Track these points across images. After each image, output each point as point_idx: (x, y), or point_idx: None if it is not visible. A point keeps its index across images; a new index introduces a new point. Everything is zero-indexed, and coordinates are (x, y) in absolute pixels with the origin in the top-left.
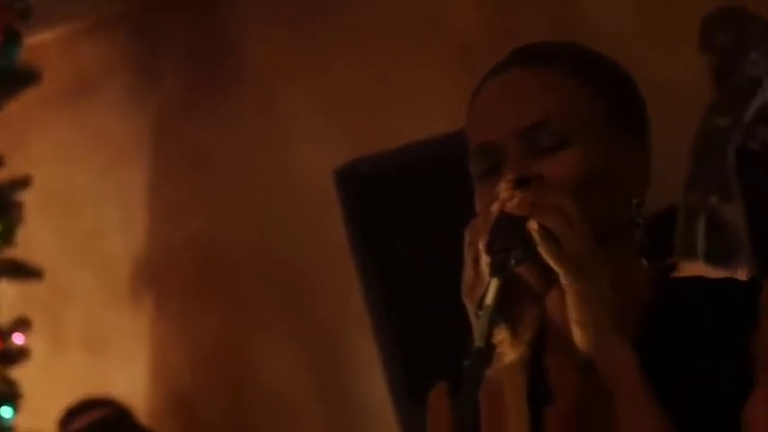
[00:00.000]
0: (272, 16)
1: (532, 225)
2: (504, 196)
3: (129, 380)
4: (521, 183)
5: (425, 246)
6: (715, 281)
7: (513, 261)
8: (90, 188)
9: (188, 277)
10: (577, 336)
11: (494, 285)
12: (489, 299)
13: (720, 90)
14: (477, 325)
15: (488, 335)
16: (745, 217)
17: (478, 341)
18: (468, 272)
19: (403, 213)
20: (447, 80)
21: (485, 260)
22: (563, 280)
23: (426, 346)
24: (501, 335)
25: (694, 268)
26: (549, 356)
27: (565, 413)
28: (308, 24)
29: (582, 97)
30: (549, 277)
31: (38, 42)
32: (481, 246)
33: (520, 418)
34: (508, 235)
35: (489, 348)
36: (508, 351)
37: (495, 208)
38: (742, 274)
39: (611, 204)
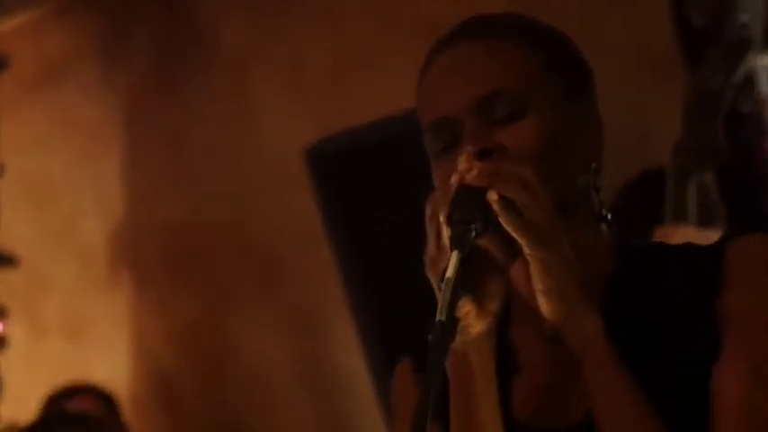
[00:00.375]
0: (237, 3)
1: (492, 196)
2: (462, 168)
3: (109, 365)
4: (483, 154)
5: (398, 220)
6: (677, 246)
7: (473, 233)
8: (64, 174)
9: (165, 260)
10: (543, 305)
11: (454, 258)
12: (450, 271)
13: (710, 52)
14: (440, 298)
15: (452, 308)
16: (736, 180)
17: (440, 314)
18: (430, 246)
19: (373, 190)
20: (414, 58)
21: (446, 233)
22: (526, 250)
23: (405, 321)
24: (466, 307)
25: (685, 233)
26: (515, 327)
27: (532, 383)
28: (275, 4)
29: (533, 66)
30: (513, 248)
31: (5, 29)
32: (441, 218)
33: (488, 389)
34: (468, 207)
35: (453, 321)
36: (474, 323)
37: (454, 180)
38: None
39: (570, 171)
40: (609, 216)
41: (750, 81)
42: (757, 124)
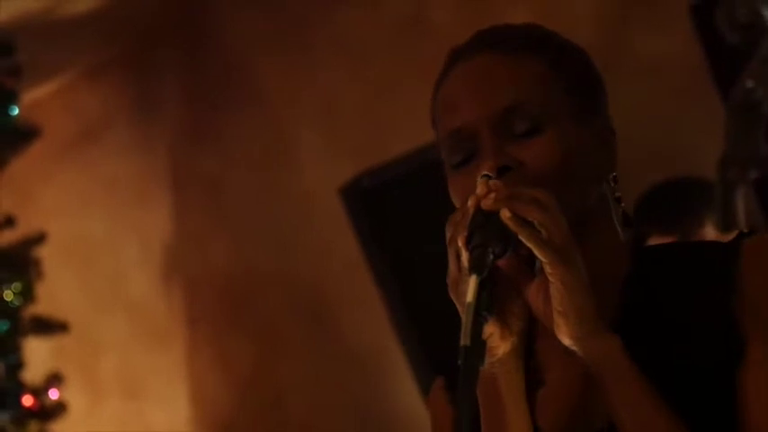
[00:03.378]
0: (264, 41)
1: (505, 213)
2: (480, 192)
3: (169, 418)
4: (502, 171)
5: (437, 249)
6: (693, 243)
7: (491, 256)
8: (107, 233)
9: (216, 309)
10: (561, 326)
11: (473, 282)
12: (469, 296)
13: (749, 65)
14: (462, 323)
15: (477, 332)
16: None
17: (464, 339)
18: (451, 267)
19: (411, 220)
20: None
21: (465, 256)
22: (548, 269)
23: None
24: (490, 329)
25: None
26: (539, 340)
27: (556, 395)
28: (304, 47)
29: (551, 81)
30: (530, 268)
31: (38, 96)
32: (460, 242)
33: (518, 411)
34: (485, 230)
35: (480, 345)
36: (499, 344)
37: (471, 203)
38: None
39: (589, 183)
40: (631, 222)
41: None
42: None
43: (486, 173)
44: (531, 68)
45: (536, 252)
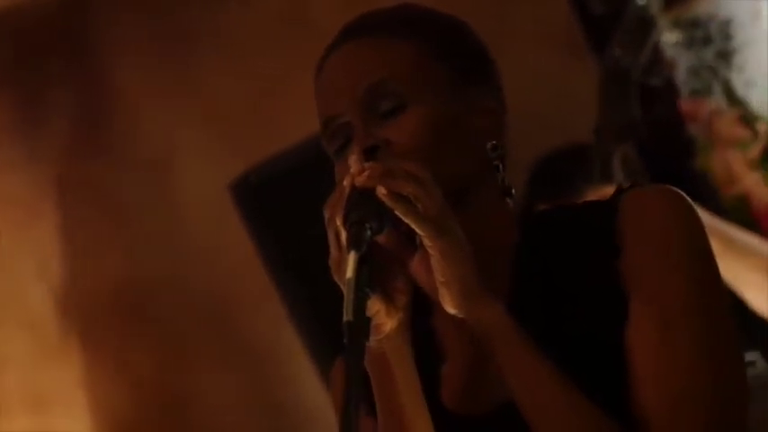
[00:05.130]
0: (146, 45)
1: (381, 190)
2: (353, 170)
3: (75, 430)
4: (369, 152)
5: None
6: (577, 205)
7: (369, 232)
8: (2, 250)
9: (112, 317)
10: (445, 296)
11: (352, 258)
12: (349, 272)
13: (615, 34)
14: (345, 300)
15: (361, 308)
16: (657, 150)
17: (347, 315)
18: (332, 249)
19: (301, 212)
20: None
21: (344, 235)
22: (426, 242)
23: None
24: (375, 305)
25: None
26: (436, 316)
27: (456, 370)
28: (182, 50)
29: (416, 56)
30: (411, 243)
31: None
32: (338, 222)
33: (409, 383)
34: (362, 207)
35: (365, 321)
36: (385, 320)
37: (346, 183)
38: None
39: (464, 154)
40: (512, 191)
41: (657, 57)
42: (670, 91)
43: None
44: (394, 48)
45: (413, 226)
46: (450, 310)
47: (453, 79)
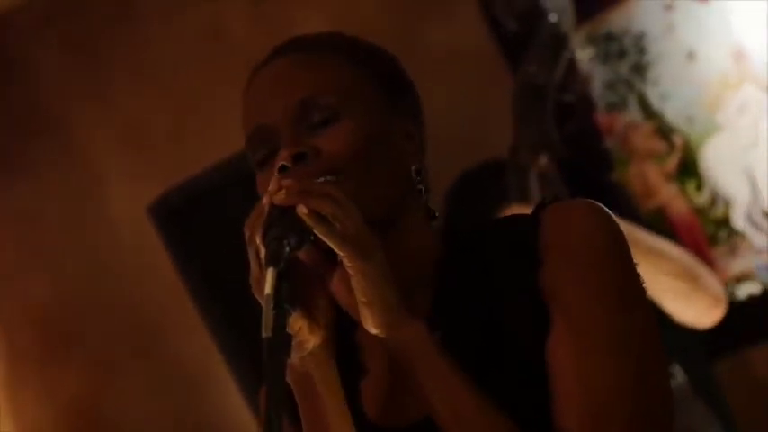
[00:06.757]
0: (65, 70)
1: (302, 210)
2: (271, 188)
3: None
4: (297, 158)
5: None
6: (501, 220)
7: (287, 248)
8: None
9: (36, 342)
10: (366, 317)
11: (270, 275)
12: (267, 288)
13: (529, 52)
14: (263, 316)
15: (281, 324)
16: (565, 169)
17: (265, 331)
18: (252, 266)
19: (223, 231)
20: (237, 94)
21: (263, 252)
22: (347, 262)
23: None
24: (297, 322)
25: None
26: (359, 330)
27: (377, 383)
28: (105, 71)
29: (345, 74)
30: (331, 260)
31: None
32: (258, 239)
33: (334, 397)
34: (281, 224)
35: (285, 338)
36: (309, 337)
37: (265, 201)
38: None
39: (391, 173)
40: (436, 214)
41: (571, 72)
42: (586, 105)
43: (282, 163)
44: (327, 64)
45: (333, 246)
46: (372, 329)
47: (381, 101)
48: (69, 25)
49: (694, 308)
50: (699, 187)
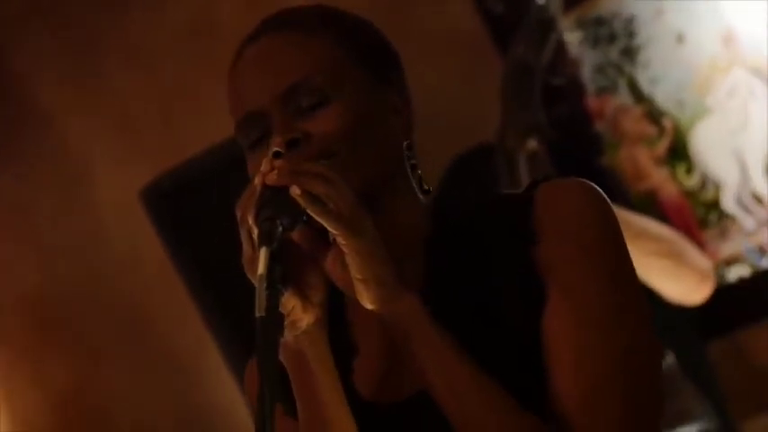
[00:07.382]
0: (52, 56)
1: (295, 190)
2: (264, 169)
3: None
4: (290, 144)
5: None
6: (491, 199)
7: (280, 228)
8: None
9: (28, 329)
10: (362, 293)
11: (263, 254)
12: (261, 268)
13: (517, 34)
14: (256, 295)
15: (274, 303)
16: (555, 152)
17: (258, 310)
18: (245, 247)
19: (215, 217)
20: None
21: (255, 232)
22: (340, 240)
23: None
24: (290, 302)
25: None
26: (350, 309)
27: (370, 361)
28: (88, 57)
29: (337, 55)
30: (324, 239)
31: None
32: (250, 220)
33: (328, 376)
34: (274, 204)
35: (278, 317)
36: (302, 316)
37: (257, 181)
38: None
39: (382, 150)
40: (429, 189)
41: (561, 56)
42: (576, 89)
43: (276, 149)
44: (315, 44)
45: (327, 226)
46: (368, 305)
47: (369, 77)
48: (56, 11)
49: (682, 284)
50: (689, 170)
